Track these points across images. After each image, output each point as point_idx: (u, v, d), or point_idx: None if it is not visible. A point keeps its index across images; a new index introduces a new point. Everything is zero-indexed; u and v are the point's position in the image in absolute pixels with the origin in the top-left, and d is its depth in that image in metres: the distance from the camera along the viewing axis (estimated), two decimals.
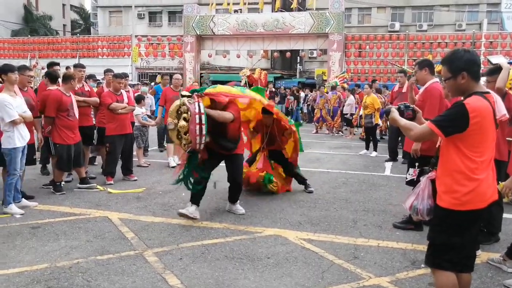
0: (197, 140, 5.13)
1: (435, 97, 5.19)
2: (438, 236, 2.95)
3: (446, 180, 2.90)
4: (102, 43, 30.03)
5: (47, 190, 7.05)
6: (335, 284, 3.89)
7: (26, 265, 4.20)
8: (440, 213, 2.95)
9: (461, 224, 2.86)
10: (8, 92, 5.85)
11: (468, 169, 2.81)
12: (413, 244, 4.90)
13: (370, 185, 7.94)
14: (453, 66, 2.89)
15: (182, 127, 5.23)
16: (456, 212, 2.84)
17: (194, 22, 27.20)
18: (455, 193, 2.83)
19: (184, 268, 4.17)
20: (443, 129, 2.81)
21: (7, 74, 5.86)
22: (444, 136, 2.83)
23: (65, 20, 50.27)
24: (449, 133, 2.82)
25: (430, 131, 2.88)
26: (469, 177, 2.81)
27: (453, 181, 2.85)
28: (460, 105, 2.79)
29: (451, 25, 34.05)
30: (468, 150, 2.81)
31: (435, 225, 3.07)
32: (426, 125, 2.94)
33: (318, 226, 5.53)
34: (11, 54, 30.90)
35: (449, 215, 2.87)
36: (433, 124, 2.85)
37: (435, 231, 3.01)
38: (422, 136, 3.04)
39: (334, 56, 25.38)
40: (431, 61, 5.78)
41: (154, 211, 6.07)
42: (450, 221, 2.87)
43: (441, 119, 2.87)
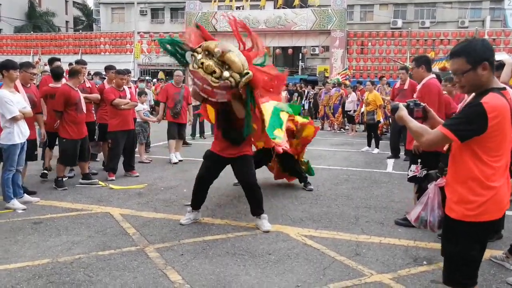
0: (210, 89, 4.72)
1: (434, 93, 5.20)
2: (453, 250, 2.64)
3: (458, 189, 2.60)
4: (104, 39, 30.04)
5: (49, 186, 7.06)
6: (337, 281, 3.88)
7: (28, 260, 4.20)
8: (452, 225, 2.65)
9: (478, 236, 2.60)
10: (8, 89, 5.85)
11: (484, 176, 2.52)
12: (415, 241, 4.89)
13: (372, 182, 7.93)
14: (472, 57, 2.55)
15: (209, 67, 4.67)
16: (470, 224, 2.56)
17: (196, 19, 27.14)
18: (470, 203, 2.54)
19: (185, 264, 4.17)
20: (458, 134, 2.50)
21: (9, 71, 5.85)
22: (460, 141, 2.51)
23: (67, 17, 50.34)
24: (465, 138, 2.50)
25: (443, 137, 2.55)
26: (485, 185, 2.52)
27: (467, 191, 2.56)
28: (477, 105, 2.48)
29: (454, 22, 33.99)
30: (485, 155, 2.52)
31: (448, 239, 2.72)
32: (438, 130, 2.59)
33: (319, 222, 5.52)
34: (14, 51, 30.92)
35: (463, 227, 2.58)
36: (447, 129, 2.53)
37: (449, 245, 2.70)
38: (434, 143, 2.65)
39: (336, 53, 25.33)
40: (428, 57, 5.81)
41: (156, 207, 6.07)
42: (465, 233, 2.58)
43: (455, 122, 2.55)
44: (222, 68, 4.68)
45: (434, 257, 4.42)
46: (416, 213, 3.58)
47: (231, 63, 4.66)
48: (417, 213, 3.57)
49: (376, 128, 11.86)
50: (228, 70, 4.67)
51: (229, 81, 4.65)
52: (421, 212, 3.56)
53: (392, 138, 10.82)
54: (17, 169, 5.96)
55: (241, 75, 4.69)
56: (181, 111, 9.38)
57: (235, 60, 4.67)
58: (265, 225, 5.20)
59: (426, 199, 3.53)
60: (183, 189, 6.95)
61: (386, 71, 25.08)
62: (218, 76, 4.65)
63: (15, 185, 5.96)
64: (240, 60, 4.73)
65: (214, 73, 4.64)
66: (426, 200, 3.54)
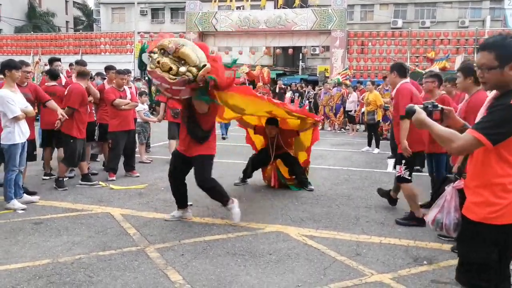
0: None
1: (406, 97, 5.42)
2: (472, 253, 2.54)
3: (481, 191, 2.49)
4: (104, 39, 30.01)
5: (49, 186, 7.06)
6: (337, 281, 3.88)
7: (28, 260, 4.20)
8: (470, 227, 2.55)
9: (496, 239, 2.48)
10: (10, 88, 5.85)
11: (509, 179, 2.43)
12: (415, 241, 4.89)
13: (372, 182, 7.93)
14: (502, 54, 2.41)
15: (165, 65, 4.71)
16: (491, 226, 2.46)
17: (196, 19, 27.18)
18: (492, 206, 2.44)
19: (186, 264, 4.17)
20: (491, 138, 2.36)
21: (11, 71, 5.85)
22: (493, 145, 2.38)
23: (68, 17, 50.33)
24: (498, 141, 2.38)
25: (476, 142, 2.39)
26: (508, 189, 2.43)
27: (490, 193, 2.46)
28: (507, 107, 2.37)
29: (454, 22, 33.98)
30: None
31: (465, 241, 2.64)
32: (469, 134, 2.42)
33: (320, 222, 5.52)
34: (14, 51, 30.87)
35: (483, 229, 2.49)
36: (479, 132, 2.38)
37: (467, 248, 2.60)
38: (465, 149, 2.49)
39: (337, 53, 25.33)
40: (402, 64, 6.16)
41: (156, 207, 6.07)
42: (484, 236, 2.49)
43: (486, 126, 2.39)
44: (178, 64, 4.69)
45: (435, 257, 4.43)
46: (432, 215, 3.45)
47: (186, 57, 4.67)
48: (434, 215, 3.44)
49: (376, 128, 11.87)
50: (184, 65, 4.68)
51: (186, 75, 4.66)
52: (437, 214, 3.41)
53: (392, 138, 10.79)
54: (18, 169, 5.97)
55: (198, 68, 4.69)
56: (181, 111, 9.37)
57: (190, 54, 4.68)
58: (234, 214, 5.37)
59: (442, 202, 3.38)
60: None
61: (387, 71, 25.03)
62: (175, 72, 4.66)
63: (16, 186, 5.96)
64: (196, 53, 4.73)
65: (170, 70, 4.66)
66: (443, 202, 3.39)
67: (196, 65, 4.69)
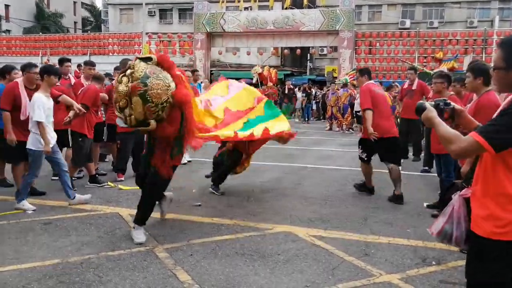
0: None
1: (364, 92, 6.78)
2: (481, 273, 2.33)
3: (487, 203, 2.29)
4: (112, 40, 30.14)
5: (58, 186, 7.08)
6: (346, 281, 3.88)
7: (38, 260, 4.24)
8: (477, 243, 2.34)
9: (507, 257, 2.24)
10: (44, 93, 5.93)
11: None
12: (424, 241, 4.87)
13: (380, 182, 7.88)
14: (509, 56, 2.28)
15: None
16: (500, 242, 2.23)
17: (204, 20, 27.22)
18: (499, 220, 2.23)
19: (195, 264, 4.19)
20: (493, 143, 2.18)
21: (50, 76, 5.94)
22: (495, 152, 2.20)
23: (76, 18, 50.71)
24: (501, 148, 2.20)
25: (477, 146, 2.21)
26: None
27: (496, 206, 2.26)
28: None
29: (463, 22, 33.78)
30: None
31: (472, 258, 2.40)
32: (472, 137, 2.24)
33: (328, 223, 5.51)
34: (23, 52, 31.11)
35: (490, 246, 2.26)
36: (481, 136, 2.20)
37: (475, 266, 2.37)
38: (466, 152, 2.34)
39: (345, 53, 25.26)
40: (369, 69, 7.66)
41: None
42: (492, 253, 2.26)
43: (491, 130, 2.21)
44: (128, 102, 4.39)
45: (443, 257, 4.41)
46: (438, 226, 3.06)
47: (134, 107, 4.37)
48: (440, 225, 3.04)
49: None
50: (131, 109, 4.41)
51: (126, 120, 4.47)
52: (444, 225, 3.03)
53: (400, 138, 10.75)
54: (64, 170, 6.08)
55: (139, 122, 4.46)
56: None
57: (137, 108, 4.36)
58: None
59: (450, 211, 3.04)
60: (192, 190, 6.97)
61: (394, 72, 24.99)
62: (122, 106, 4.42)
63: (66, 186, 6.08)
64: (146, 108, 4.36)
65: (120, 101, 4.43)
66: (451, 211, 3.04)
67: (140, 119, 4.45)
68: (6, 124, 6.09)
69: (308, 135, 16.09)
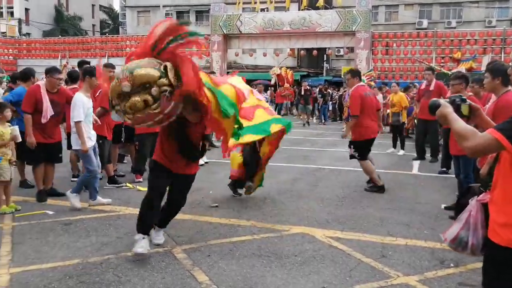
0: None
1: (355, 97, 7.16)
2: (496, 283, 2.23)
3: (507, 209, 2.17)
4: (130, 42, 30.51)
5: None
6: (363, 283, 3.88)
7: (59, 260, 4.31)
8: (495, 252, 2.20)
9: None
10: (85, 93, 6.10)
11: None
12: (441, 243, 4.81)
13: (397, 183, 7.86)
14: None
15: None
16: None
17: (221, 21, 27.35)
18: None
19: (212, 265, 4.22)
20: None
21: (91, 78, 6.10)
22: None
23: (94, 20, 51.37)
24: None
25: (495, 143, 2.08)
26: None
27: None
28: None
29: (481, 22, 33.29)
30: None
31: (489, 267, 2.29)
32: (490, 134, 2.12)
33: (345, 224, 5.51)
34: (43, 54, 31.68)
35: (509, 255, 2.15)
36: (500, 133, 2.07)
37: (490, 277, 2.27)
38: (482, 150, 2.19)
39: (361, 54, 25.15)
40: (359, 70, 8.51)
41: (183, 208, 6.11)
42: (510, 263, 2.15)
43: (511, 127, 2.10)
44: (147, 91, 3.83)
45: (461, 259, 4.37)
46: (453, 232, 2.85)
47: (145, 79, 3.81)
48: (455, 232, 2.83)
49: (401, 130, 11.75)
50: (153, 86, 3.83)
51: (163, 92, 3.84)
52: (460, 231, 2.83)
53: (418, 139, 10.69)
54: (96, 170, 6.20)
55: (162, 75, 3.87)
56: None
57: (144, 73, 3.83)
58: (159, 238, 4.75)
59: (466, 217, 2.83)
60: (209, 191, 7.01)
61: (411, 72, 24.79)
62: (151, 101, 3.83)
63: (92, 188, 6.20)
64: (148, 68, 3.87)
65: (146, 102, 3.83)
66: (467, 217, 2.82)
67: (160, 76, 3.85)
68: (27, 126, 6.22)
69: (324, 136, 16.05)
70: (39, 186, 6.51)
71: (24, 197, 6.64)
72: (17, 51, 32.43)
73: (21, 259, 4.35)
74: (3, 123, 5.85)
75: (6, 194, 5.89)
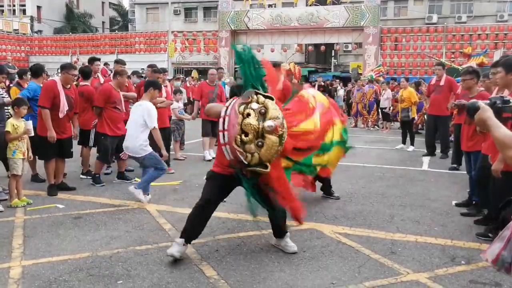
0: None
1: None
2: None
3: None
4: (139, 39, 30.61)
5: (88, 182, 7.26)
6: (372, 279, 3.86)
7: (69, 253, 4.35)
8: None
9: None
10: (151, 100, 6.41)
11: None
12: (452, 240, 4.80)
13: (407, 179, 7.81)
14: None
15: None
16: None
17: (229, 17, 27.33)
18: None
19: (220, 260, 4.23)
20: None
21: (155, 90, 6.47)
22: None
23: (104, 18, 51.55)
24: None
25: None
26: None
27: None
28: None
29: (492, 16, 32.91)
30: None
31: None
32: None
33: (354, 220, 5.48)
34: (54, 51, 31.88)
35: None
36: None
37: None
38: None
39: (370, 49, 25.02)
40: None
41: (191, 203, 6.07)
42: None
43: None
44: (255, 139, 3.78)
45: (473, 256, 4.34)
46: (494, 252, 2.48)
47: (267, 147, 3.79)
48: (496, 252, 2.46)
49: (411, 126, 11.68)
50: (257, 147, 3.79)
51: (246, 156, 3.82)
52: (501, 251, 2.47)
53: (428, 135, 10.62)
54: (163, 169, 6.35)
55: (257, 164, 3.87)
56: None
57: (273, 148, 3.80)
58: (290, 246, 4.48)
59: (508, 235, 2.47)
60: None
61: (421, 68, 24.61)
62: (247, 141, 3.77)
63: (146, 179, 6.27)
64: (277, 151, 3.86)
65: (246, 134, 3.77)
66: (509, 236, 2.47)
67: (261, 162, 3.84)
68: (46, 121, 6.28)
69: None
70: (50, 180, 6.57)
71: (35, 191, 6.70)
72: (29, 48, 32.66)
73: (32, 252, 4.39)
74: (17, 118, 5.93)
75: (17, 188, 5.95)
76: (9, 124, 5.80)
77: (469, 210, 5.76)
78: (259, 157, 3.81)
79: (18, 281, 3.75)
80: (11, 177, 5.93)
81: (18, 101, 6.07)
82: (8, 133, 5.79)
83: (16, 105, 5.99)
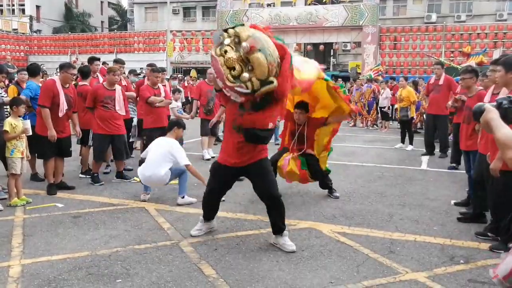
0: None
1: None
2: None
3: None
4: (138, 38, 30.65)
5: (87, 181, 7.26)
6: (371, 278, 3.86)
7: (68, 252, 4.35)
8: None
9: None
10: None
11: None
12: (451, 240, 4.81)
13: (406, 179, 7.82)
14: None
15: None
16: None
17: (227, 17, 27.34)
18: None
19: (219, 259, 4.23)
20: None
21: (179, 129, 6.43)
22: None
23: (103, 17, 51.54)
24: None
25: None
26: None
27: None
28: None
29: (491, 15, 32.92)
30: None
31: None
32: None
33: (352, 219, 5.49)
34: (53, 51, 31.92)
35: None
36: None
37: None
38: None
39: (369, 48, 25.06)
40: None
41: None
42: None
43: None
44: (244, 67, 3.93)
45: (472, 256, 4.35)
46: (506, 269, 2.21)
47: (256, 66, 3.89)
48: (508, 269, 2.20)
49: (410, 125, 11.69)
50: (250, 72, 3.92)
51: (246, 85, 3.94)
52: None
53: (427, 134, 10.63)
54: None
55: (262, 83, 3.95)
56: (213, 109, 9.47)
57: (262, 63, 3.88)
58: (288, 244, 4.45)
59: None
60: None
61: (420, 67, 24.63)
62: (237, 74, 3.93)
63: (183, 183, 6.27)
64: (268, 64, 3.91)
65: (233, 69, 3.92)
66: None
67: (263, 79, 3.92)
68: (46, 120, 6.30)
69: None
70: (49, 179, 6.57)
71: (34, 190, 6.70)
72: (28, 48, 32.67)
73: (32, 250, 4.39)
74: (15, 117, 5.93)
75: (17, 187, 5.95)
76: (7, 124, 5.80)
77: (468, 210, 5.76)
78: (257, 79, 3.94)
79: (18, 280, 3.75)
80: (10, 176, 5.93)
81: (16, 101, 6.07)
82: (6, 133, 5.79)
83: (14, 104, 5.98)
